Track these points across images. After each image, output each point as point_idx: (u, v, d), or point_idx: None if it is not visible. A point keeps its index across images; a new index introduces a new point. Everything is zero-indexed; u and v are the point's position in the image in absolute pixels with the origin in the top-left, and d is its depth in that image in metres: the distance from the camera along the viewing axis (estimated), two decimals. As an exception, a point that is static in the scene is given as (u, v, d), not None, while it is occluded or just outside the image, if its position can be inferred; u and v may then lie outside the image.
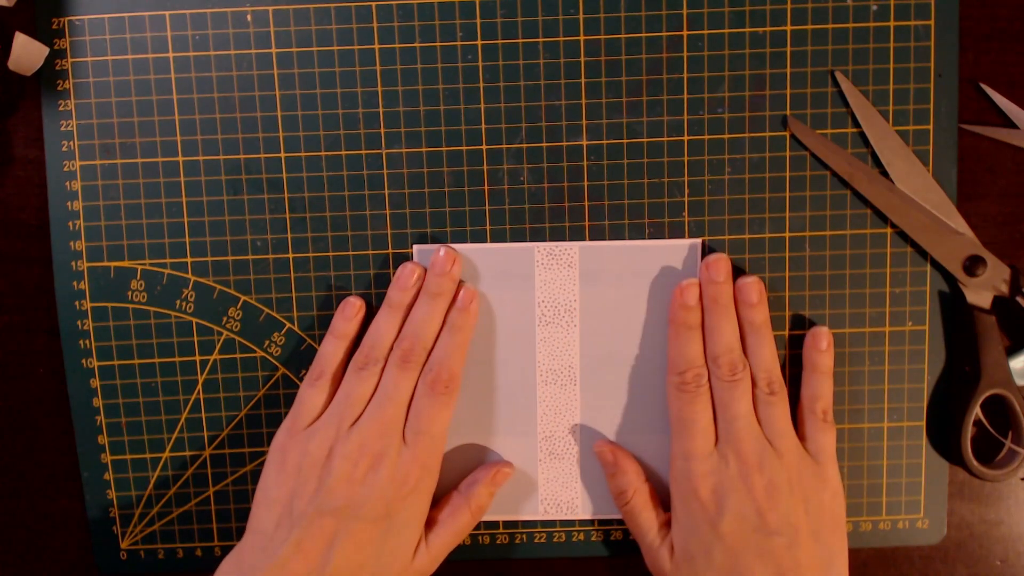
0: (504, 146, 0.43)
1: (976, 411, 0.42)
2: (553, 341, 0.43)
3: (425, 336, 0.41)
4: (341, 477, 0.39)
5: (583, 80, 0.42)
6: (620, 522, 0.45)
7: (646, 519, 0.42)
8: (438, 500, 0.43)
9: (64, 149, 0.43)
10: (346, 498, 0.39)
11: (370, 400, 0.41)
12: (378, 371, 0.41)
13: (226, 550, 0.43)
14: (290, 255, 0.44)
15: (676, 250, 0.43)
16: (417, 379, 0.41)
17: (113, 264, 0.44)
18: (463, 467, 0.44)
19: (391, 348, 0.42)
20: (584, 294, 0.43)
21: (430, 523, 0.42)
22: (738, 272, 0.43)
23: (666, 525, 0.42)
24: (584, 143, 0.43)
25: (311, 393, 0.42)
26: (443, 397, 0.41)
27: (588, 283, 0.43)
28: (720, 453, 0.40)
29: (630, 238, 0.43)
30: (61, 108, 0.43)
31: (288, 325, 0.44)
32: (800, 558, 0.38)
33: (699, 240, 0.43)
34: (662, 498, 0.43)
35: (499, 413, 0.44)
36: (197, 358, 0.44)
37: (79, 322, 0.44)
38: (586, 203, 0.43)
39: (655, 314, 0.43)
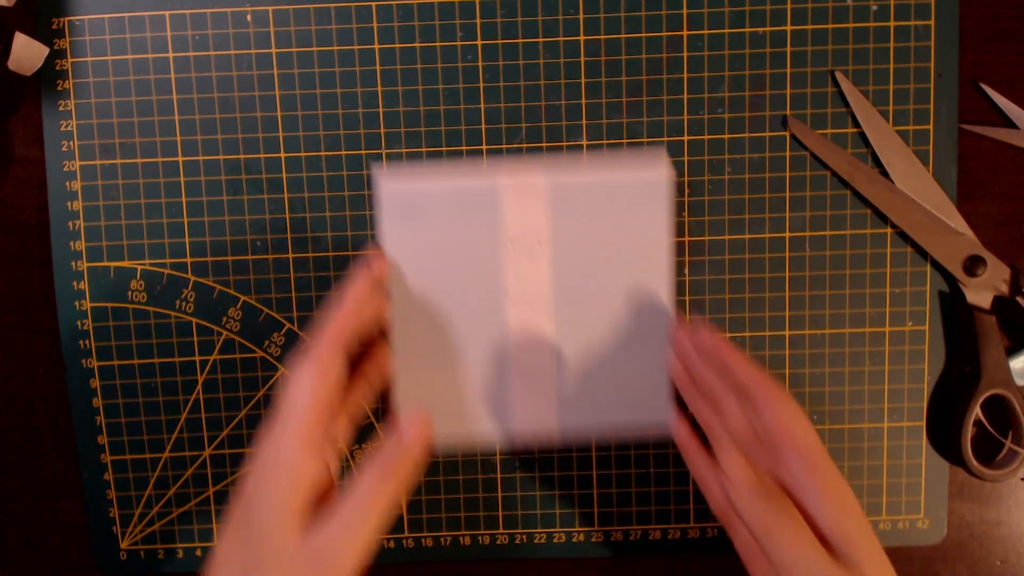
0: (504, 146, 0.43)
1: (976, 411, 0.42)
2: (524, 273, 0.39)
3: None
4: None
5: (583, 80, 0.42)
6: (620, 522, 0.45)
7: None
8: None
9: (64, 149, 0.43)
10: None
11: None
12: None
13: (226, 550, 0.43)
14: (290, 255, 0.44)
15: (643, 184, 0.39)
16: None
17: (113, 264, 0.44)
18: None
19: None
20: (554, 226, 0.39)
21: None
22: (739, 273, 0.43)
23: None
24: (584, 143, 0.43)
25: None
26: None
27: (558, 216, 0.39)
28: None
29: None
30: (61, 108, 0.43)
31: (288, 325, 0.44)
32: None
33: (665, 173, 0.39)
34: None
35: (467, 339, 0.40)
36: (197, 358, 0.44)
37: (79, 322, 0.44)
38: (586, 203, 0.43)
39: (624, 246, 0.39)
